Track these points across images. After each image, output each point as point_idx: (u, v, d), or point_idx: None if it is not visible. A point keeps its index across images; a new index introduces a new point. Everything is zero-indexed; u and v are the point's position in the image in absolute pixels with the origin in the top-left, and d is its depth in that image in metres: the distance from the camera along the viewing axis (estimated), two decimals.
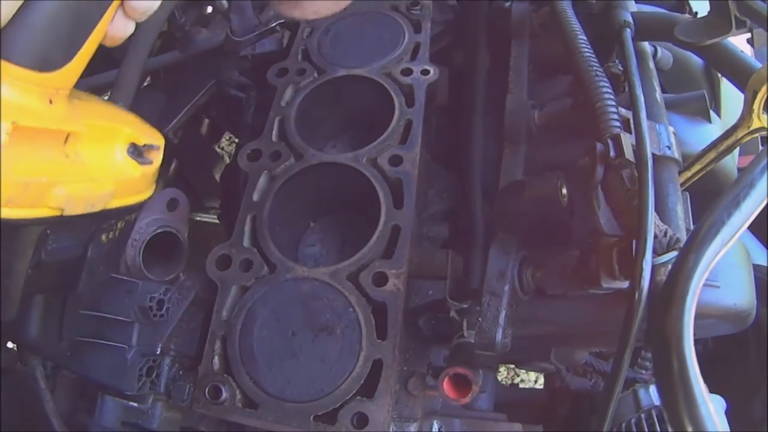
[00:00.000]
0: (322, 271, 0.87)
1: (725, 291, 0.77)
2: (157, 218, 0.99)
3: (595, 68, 0.74)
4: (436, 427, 0.92)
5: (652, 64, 0.88)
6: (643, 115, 0.70)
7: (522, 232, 0.76)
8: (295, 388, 0.82)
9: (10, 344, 0.98)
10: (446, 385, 0.79)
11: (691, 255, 0.49)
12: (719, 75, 1.15)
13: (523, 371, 2.41)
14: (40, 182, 0.54)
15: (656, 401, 0.91)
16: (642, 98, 0.72)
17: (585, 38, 0.79)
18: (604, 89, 0.72)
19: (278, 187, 0.94)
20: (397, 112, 0.98)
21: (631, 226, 0.64)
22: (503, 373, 2.46)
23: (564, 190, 0.71)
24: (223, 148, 2.46)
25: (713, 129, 1.02)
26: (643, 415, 0.91)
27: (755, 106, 0.78)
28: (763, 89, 0.77)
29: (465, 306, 0.77)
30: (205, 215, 1.35)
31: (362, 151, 0.94)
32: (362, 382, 0.81)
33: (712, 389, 0.91)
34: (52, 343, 0.80)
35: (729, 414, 0.89)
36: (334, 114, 1.01)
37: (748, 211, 0.52)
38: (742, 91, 0.81)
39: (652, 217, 0.62)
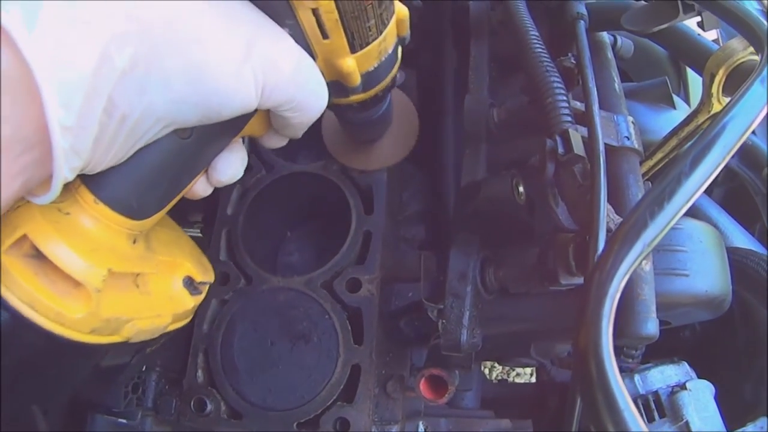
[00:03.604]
0: (297, 280, 0.88)
1: (695, 279, 0.77)
2: None
3: (545, 64, 0.74)
4: (421, 427, 0.92)
5: (610, 54, 0.87)
6: (595, 108, 0.70)
7: (482, 232, 0.76)
8: (276, 397, 0.83)
9: None
10: (423, 386, 0.80)
11: (609, 260, 0.48)
12: None
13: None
14: (119, 319, 0.62)
15: (641, 390, 0.91)
16: (594, 91, 0.72)
17: (537, 34, 0.79)
18: (555, 85, 0.71)
19: (251, 200, 0.95)
20: None
21: (587, 221, 0.64)
22: (498, 369, 2.45)
23: (521, 188, 0.71)
24: None
25: (677, 115, 1.01)
26: None
27: (714, 90, 0.77)
28: (721, 72, 0.76)
29: (441, 307, 0.77)
30: (190, 230, 1.35)
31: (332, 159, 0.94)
32: (342, 387, 0.82)
33: (702, 374, 0.91)
34: None
35: (719, 398, 0.89)
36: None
37: (673, 209, 0.50)
38: (702, 75, 0.80)
39: (604, 211, 0.62)
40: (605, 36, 0.89)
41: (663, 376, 0.90)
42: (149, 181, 0.59)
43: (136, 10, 0.47)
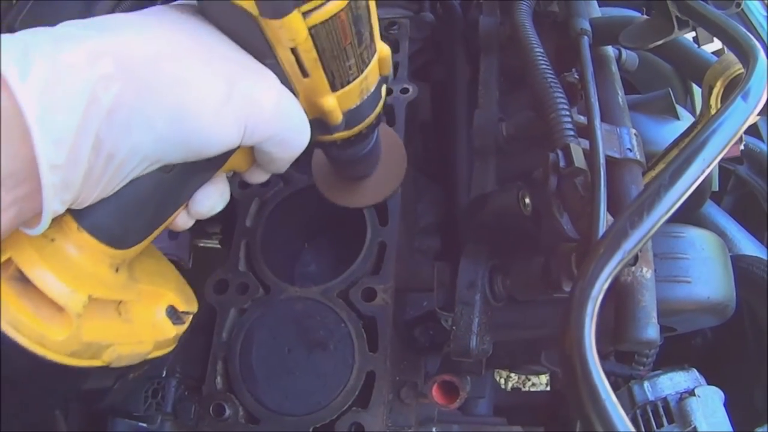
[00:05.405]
0: (313, 290, 0.90)
1: (697, 285, 0.79)
2: (159, 247, 1.03)
3: (549, 80, 0.76)
4: None
5: (614, 68, 0.89)
6: (596, 122, 0.72)
7: (491, 242, 0.78)
8: (293, 403, 0.85)
9: None
10: (435, 392, 0.82)
11: (591, 266, 0.50)
12: None
13: (534, 375, 2.40)
14: (100, 344, 0.64)
15: (650, 396, 0.92)
16: (597, 106, 0.74)
17: (542, 51, 0.81)
18: (558, 100, 0.74)
19: (269, 212, 0.98)
20: None
21: (588, 230, 0.66)
22: (514, 379, 2.46)
23: (527, 200, 0.74)
24: None
25: (681, 125, 1.02)
26: (638, 411, 0.93)
27: (712, 102, 0.79)
28: (718, 84, 0.78)
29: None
30: (208, 241, 1.38)
31: None
32: (357, 393, 0.84)
33: (713, 381, 0.93)
34: None
35: (729, 405, 0.90)
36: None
37: (652, 220, 0.53)
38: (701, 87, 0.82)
39: (603, 221, 0.64)
40: (610, 50, 0.91)
41: (672, 382, 0.92)
42: (132, 212, 0.60)
43: (121, 52, 0.50)
